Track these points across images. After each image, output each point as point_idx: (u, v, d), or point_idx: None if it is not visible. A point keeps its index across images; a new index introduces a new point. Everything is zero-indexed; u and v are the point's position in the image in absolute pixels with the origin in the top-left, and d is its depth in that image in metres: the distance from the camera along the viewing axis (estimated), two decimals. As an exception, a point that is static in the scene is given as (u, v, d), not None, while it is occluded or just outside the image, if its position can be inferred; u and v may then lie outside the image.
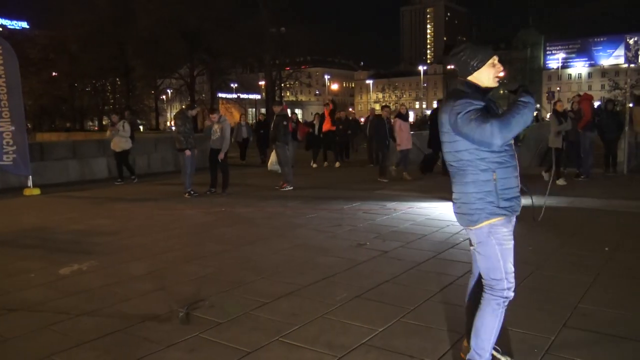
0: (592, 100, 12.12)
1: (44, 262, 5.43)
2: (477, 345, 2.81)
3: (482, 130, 2.54)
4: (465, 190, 2.75)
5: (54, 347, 3.37)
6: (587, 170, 11.18)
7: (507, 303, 2.78)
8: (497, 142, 2.55)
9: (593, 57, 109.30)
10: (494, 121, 2.54)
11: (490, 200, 2.70)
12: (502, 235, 2.75)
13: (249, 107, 74.32)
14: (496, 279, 2.76)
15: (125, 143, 12.06)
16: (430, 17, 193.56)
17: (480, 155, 2.66)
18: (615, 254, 5.37)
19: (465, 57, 2.78)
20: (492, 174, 2.68)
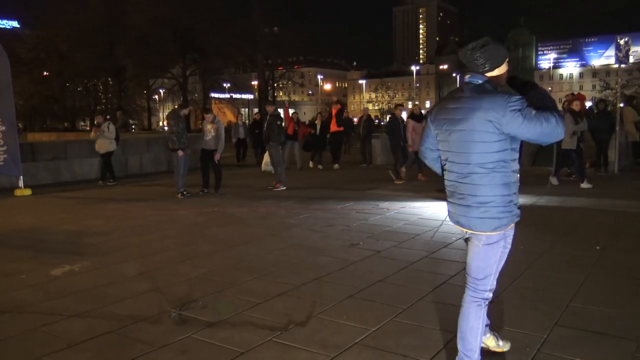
0: (584, 100, 12.19)
1: (36, 263, 5.40)
2: (464, 347, 2.80)
3: (550, 124, 2.48)
4: (498, 192, 2.61)
5: (45, 348, 3.35)
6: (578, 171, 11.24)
7: (487, 304, 2.82)
8: (562, 133, 2.53)
9: (584, 58, 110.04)
10: (554, 114, 2.51)
11: (515, 203, 2.67)
12: (510, 240, 2.76)
13: (242, 107, 74.18)
14: (482, 279, 2.78)
15: (110, 145, 11.77)
16: (423, 17, 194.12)
17: (514, 156, 2.61)
18: (606, 253, 5.40)
19: (490, 52, 2.64)
20: (517, 176, 2.66)
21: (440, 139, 2.80)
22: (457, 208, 2.76)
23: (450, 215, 2.87)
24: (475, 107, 2.59)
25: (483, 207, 2.64)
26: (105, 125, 11.78)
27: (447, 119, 2.72)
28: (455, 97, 2.74)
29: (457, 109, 2.67)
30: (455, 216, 2.80)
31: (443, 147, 2.80)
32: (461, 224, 2.76)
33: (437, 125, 2.79)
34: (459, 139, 2.66)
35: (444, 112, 2.75)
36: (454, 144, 2.70)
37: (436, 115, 2.81)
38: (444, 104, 2.79)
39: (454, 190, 2.77)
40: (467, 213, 2.71)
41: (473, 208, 2.67)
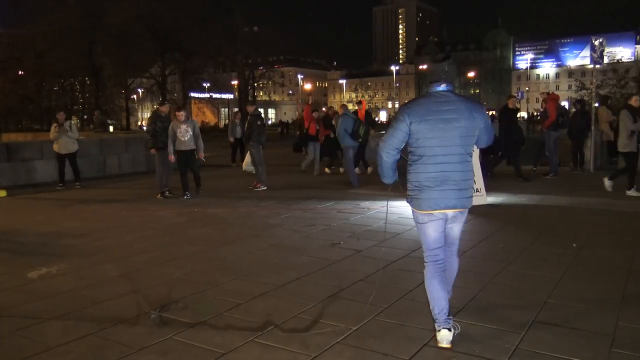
0: (558, 100, 12.40)
1: (12, 265, 5.30)
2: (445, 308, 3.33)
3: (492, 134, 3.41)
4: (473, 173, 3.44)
5: (23, 352, 3.30)
6: (554, 169, 11.45)
7: None
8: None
9: (560, 58, 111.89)
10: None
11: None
12: None
13: (222, 107, 73.78)
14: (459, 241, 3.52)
15: (73, 145, 11.31)
16: (402, 17, 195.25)
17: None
18: (582, 250, 5.51)
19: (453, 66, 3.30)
20: None
21: (431, 135, 3.18)
22: (449, 193, 3.20)
23: (433, 202, 3.23)
24: (470, 109, 3.22)
25: (470, 188, 3.30)
26: (68, 124, 11.24)
27: (439, 119, 3.16)
28: (441, 100, 3.22)
29: (449, 110, 3.18)
30: (446, 201, 3.21)
31: (431, 142, 3.18)
32: (453, 206, 3.24)
33: (426, 125, 3.17)
34: (455, 134, 3.18)
35: (433, 113, 3.18)
36: (450, 139, 3.18)
37: (423, 116, 3.18)
38: (429, 108, 3.20)
39: (445, 179, 3.19)
40: (460, 195, 3.24)
41: (464, 190, 3.26)
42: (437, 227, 3.32)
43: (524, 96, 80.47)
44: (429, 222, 3.32)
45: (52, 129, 11.28)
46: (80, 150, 11.93)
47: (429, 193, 3.22)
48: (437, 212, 3.25)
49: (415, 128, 3.19)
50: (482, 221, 7.09)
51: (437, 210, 3.24)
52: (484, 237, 6.15)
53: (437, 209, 3.23)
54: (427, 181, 3.22)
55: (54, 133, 11.14)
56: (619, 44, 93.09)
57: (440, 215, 3.28)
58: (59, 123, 11.16)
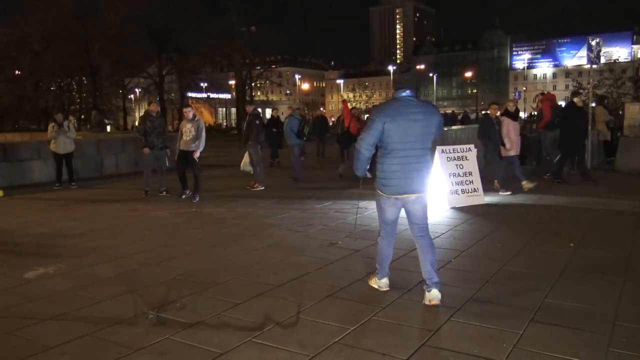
0: (554, 100, 12.40)
1: (8, 266, 5.28)
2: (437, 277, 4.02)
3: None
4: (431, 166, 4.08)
5: (20, 353, 3.28)
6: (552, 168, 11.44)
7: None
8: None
9: (557, 58, 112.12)
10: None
11: None
12: None
13: (220, 107, 73.69)
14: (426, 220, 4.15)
15: (71, 145, 11.29)
16: (400, 17, 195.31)
17: None
18: (580, 250, 5.52)
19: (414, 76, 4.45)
20: None
21: (400, 133, 3.86)
22: (411, 180, 3.94)
23: (397, 187, 3.95)
24: (430, 111, 3.98)
25: (427, 176, 4.02)
26: (66, 124, 11.24)
27: (407, 119, 3.86)
28: (407, 104, 3.92)
29: (414, 112, 3.89)
30: (406, 187, 3.95)
31: (400, 139, 3.87)
32: (413, 190, 3.96)
33: (396, 123, 3.84)
34: (418, 132, 3.89)
35: (402, 114, 3.87)
36: (415, 136, 3.89)
37: (394, 117, 3.86)
38: (399, 110, 3.89)
39: (409, 168, 3.91)
40: (420, 181, 3.97)
41: (424, 177, 3.98)
42: (396, 208, 4.11)
43: (521, 96, 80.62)
44: (391, 204, 4.08)
45: (49, 128, 11.25)
46: (78, 150, 11.92)
47: (395, 181, 3.94)
48: (401, 196, 3.97)
49: (387, 127, 3.85)
50: (479, 221, 7.10)
51: (402, 195, 3.97)
52: (481, 237, 6.15)
53: (402, 193, 3.97)
54: (395, 170, 3.93)
55: (52, 132, 11.10)
56: (616, 44, 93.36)
57: (401, 199, 4.00)
58: (57, 123, 11.11)
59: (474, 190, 8.34)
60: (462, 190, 8.24)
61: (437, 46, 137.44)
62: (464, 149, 8.54)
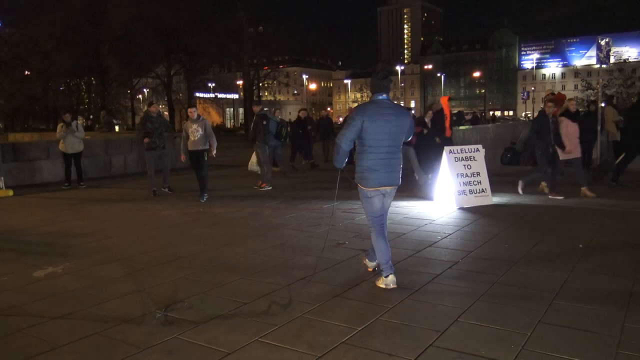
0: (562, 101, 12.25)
1: (17, 264, 5.32)
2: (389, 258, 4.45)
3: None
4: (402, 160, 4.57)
5: (29, 351, 3.31)
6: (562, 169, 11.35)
7: None
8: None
9: (566, 58, 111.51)
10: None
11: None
12: None
13: (227, 107, 73.83)
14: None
15: (79, 144, 11.37)
16: (407, 17, 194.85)
17: None
18: (588, 251, 5.48)
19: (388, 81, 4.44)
20: None
21: (377, 131, 4.28)
22: (387, 174, 4.37)
23: (376, 180, 4.37)
24: (403, 113, 4.43)
25: (400, 170, 4.48)
26: (74, 124, 11.32)
27: (383, 119, 4.29)
28: (383, 106, 4.35)
29: (389, 113, 4.33)
30: (383, 180, 4.37)
31: (377, 136, 4.29)
32: (389, 183, 4.41)
33: (373, 123, 4.26)
34: (392, 131, 4.33)
35: (379, 115, 4.29)
36: (389, 134, 4.31)
37: (372, 117, 4.28)
38: (376, 111, 4.32)
39: (384, 164, 4.35)
40: (394, 176, 4.42)
41: (397, 172, 4.45)
42: (379, 200, 4.49)
43: (529, 96, 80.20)
44: (374, 196, 4.45)
45: (58, 128, 11.34)
46: (86, 150, 12.01)
47: (374, 174, 4.35)
48: (380, 188, 4.40)
49: (366, 125, 4.27)
50: (487, 221, 7.07)
51: (380, 187, 4.39)
52: (489, 238, 6.13)
53: (380, 185, 4.38)
54: (372, 165, 4.34)
55: (61, 132, 11.19)
56: (626, 43, 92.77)
57: (382, 191, 4.44)
58: (65, 122, 11.20)
59: (482, 191, 8.31)
60: (470, 191, 8.21)
61: (445, 46, 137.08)
62: (472, 149, 8.51)
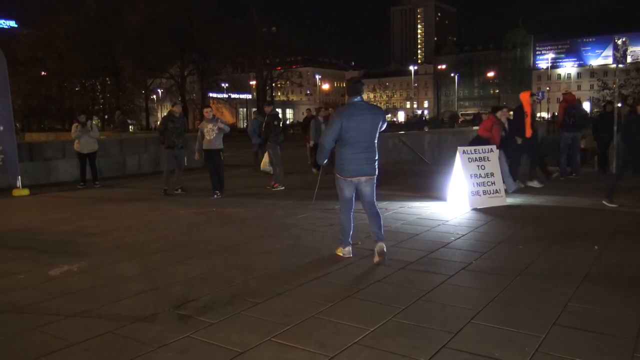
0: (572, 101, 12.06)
1: (33, 263, 5.39)
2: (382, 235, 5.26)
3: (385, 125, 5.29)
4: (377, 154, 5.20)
5: (44, 348, 3.35)
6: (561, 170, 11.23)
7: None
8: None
9: (582, 57, 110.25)
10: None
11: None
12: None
13: (240, 107, 74.10)
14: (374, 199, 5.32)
15: (94, 144, 11.47)
16: (421, 17, 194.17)
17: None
18: (604, 253, 5.41)
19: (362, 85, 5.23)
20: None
21: (354, 129, 4.99)
22: (362, 166, 5.09)
23: (352, 171, 5.09)
24: (377, 112, 5.19)
25: (374, 162, 5.16)
26: (89, 125, 11.47)
27: (359, 119, 5.01)
28: (359, 107, 5.08)
29: (365, 113, 5.06)
30: (359, 171, 5.09)
31: (354, 134, 5.00)
32: (364, 173, 5.12)
33: (351, 122, 4.99)
34: (367, 129, 5.05)
35: (356, 115, 5.02)
36: (364, 131, 5.03)
37: (349, 117, 5.01)
38: (353, 112, 5.04)
39: (359, 157, 5.05)
40: (368, 167, 5.11)
41: (371, 164, 5.13)
42: (351, 188, 5.24)
43: (545, 96, 79.44)
44: (348, 184, 5.21)
45: (73, 128, 11.48)
46: (101, 149, 12.11)
47: (350, 166, 5.08)
48: (354, 178, 5.13)
49: (345, 125, 4.98)
50: (500, 222, 7.02)
51: (354, 177, 5.12)
52: (503, 239, 6.08)
53: (355, 176, 5.11)
54: (349, 158, 5.06)
55: (76, 132, 11.31)
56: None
57: (355, 181, 5.15)
58: (80, 123, 11.34)
59: (496, 192, 8.25)
60: (484, 192, 8.15)
61: (459, 46, 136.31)
62: (486, 149, 8.45)
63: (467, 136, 19.64)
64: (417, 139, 18.11)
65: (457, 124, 39.32)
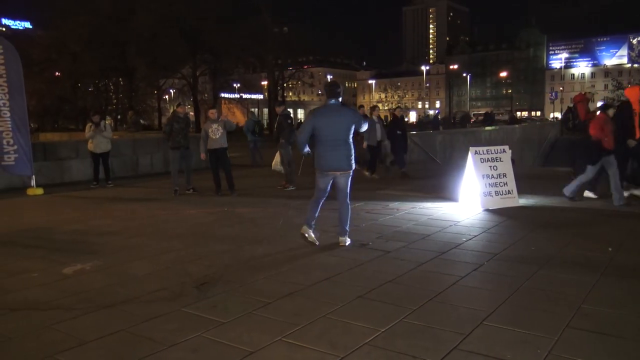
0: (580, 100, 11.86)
1: (47, 261, 5.45)
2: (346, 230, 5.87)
3: (365, 125, 5.89)
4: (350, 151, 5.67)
5: (58, 346, 3.38)
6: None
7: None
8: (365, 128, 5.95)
9: (596, 57, 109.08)
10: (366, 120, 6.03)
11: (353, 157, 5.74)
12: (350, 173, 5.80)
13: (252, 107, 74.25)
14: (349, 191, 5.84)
15: (107, 144, 11.58)
16: (433, 17, 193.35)
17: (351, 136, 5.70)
18: (618, 255, 5.36)
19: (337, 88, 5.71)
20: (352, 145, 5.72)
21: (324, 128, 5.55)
22: (332, 161, 5.60)
23: (326, 166, 5.63)
24: (346, 113, 5.67)
25: (347, 157, 5.64)
26: (103, 125, 11.55)
27: (334, 119, 5.57)
28: (332, 109, 5.62)
29: (334, 115, 5.59)
30: (330, 165, 5.61)
31: (323, 132, 5.55)
32: (335, 168, 5.64)
33: (322, 122, 5.57)
34: (338, 128, 5.56)
35: (327, 116, 5.59)
36: (332, 130, 5.55)
37: (321, 117, 5.61)
38: (324, 113, 5.63)
39: (329, 153, 5.58)
40: (342, 162, 5.61)
41: (344, 159, 5.62)
42: (327, 180, 5.75)
43: (558, 96, 78.81)
44: (324, 176, 5.72)
45: (87, 128, 11.58)
46: (114, 149, 12.22)
47: (322, 160, 5.63)
48: (330, 172, 5.65)
49: (317, 124, 5.57)
50: (513, 223, 6.97)
51: (329, 171, 5.65)
52: (515, 240, 6.04)
53: (328, 170, 5.65)
54: (321, 153, 5.61)
55: (90, 132, 11.41)
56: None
57: (331, 174, 5.68)
58: (94, 123, 11.43)
59: (508, 192, 8.20)
60: (496, 192, 8.10)
61: (471, 46, 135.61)
62: (498, 150, 8.40)
63: (479, 136, 19.54)
64: (428, 139, 18.06)
65: (468, 124, 39.13)
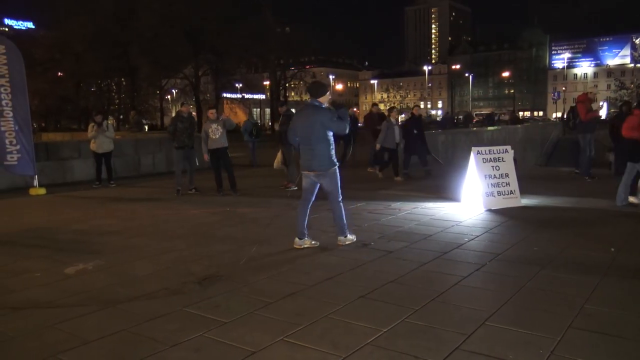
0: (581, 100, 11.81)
1: (49, 261, 5.45)
2: (343, 230, 5.92)
3: (342, 125, 5.60)
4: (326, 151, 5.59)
5: (60, 345, 3.38)
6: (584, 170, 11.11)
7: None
8: (346, 129, 5.68)
9: (599, 57, 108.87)
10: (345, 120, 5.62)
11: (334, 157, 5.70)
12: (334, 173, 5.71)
13: (254, 107, 74.29)
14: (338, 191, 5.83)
15: (110, 144, 11.57)
16: (435, 16, 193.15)
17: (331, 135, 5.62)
18: (620, 255, 5.34)
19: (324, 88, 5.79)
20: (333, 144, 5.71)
21: (297, 127, 5.69)
22: (310, 161, 5.60)
23: (303, 165, 5.69)
24: (315, 112, 5.55)
25: (321, 158, 5.57)
26: (105, 124, 11.55)
27: (305, 119, 5.61)
28: (309, 108, 5.63)
29: (308, 114, 5.60)
30: (309, 166, 5.62)
31: (300, 132, 5.65)
32: (308, 168, 5.66)
33: (297, 121, 5.75)
34: (311, 128, 5.52)
35: (303, 116, 5.68)
36: (302, 129, 5.61)
37: (297, 117, 5.88)
38: (300, 112, 5.86)
39: (303, 153, 5.65)
40: (317, 162, 5.59)
41: (319, 160, 5.57)
42: (308, 180, 5.76)
43: (560, 96, 78.66)
44: (305, 176, 5.78)
45: (89, 128, 11.59)
46: (116, 149, 12.20)
47: (302, 160, 5.71)
48: (308, 172, 5.68)
49: (294, 124, 5.79)
50: (515, 224, 6.96)
51: (308, 172, 5.68)
52: (517, 240, 6.03)
53: (307, 170, 5.67)
54: (301, 153, 5.68)
55: (92, 132, 11.40)
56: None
57: (311, 174, 5.69)
58: (97, 123, 11.42)
59: (511, 192, 8.18)
60: (498, 192, 8.09)
61: (473, 46, 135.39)
62: (500, 150, 8.39)
63: (482, 136, 19.51)
64: (430, 139, 18.03)
65: (471, 124, 39.11)
